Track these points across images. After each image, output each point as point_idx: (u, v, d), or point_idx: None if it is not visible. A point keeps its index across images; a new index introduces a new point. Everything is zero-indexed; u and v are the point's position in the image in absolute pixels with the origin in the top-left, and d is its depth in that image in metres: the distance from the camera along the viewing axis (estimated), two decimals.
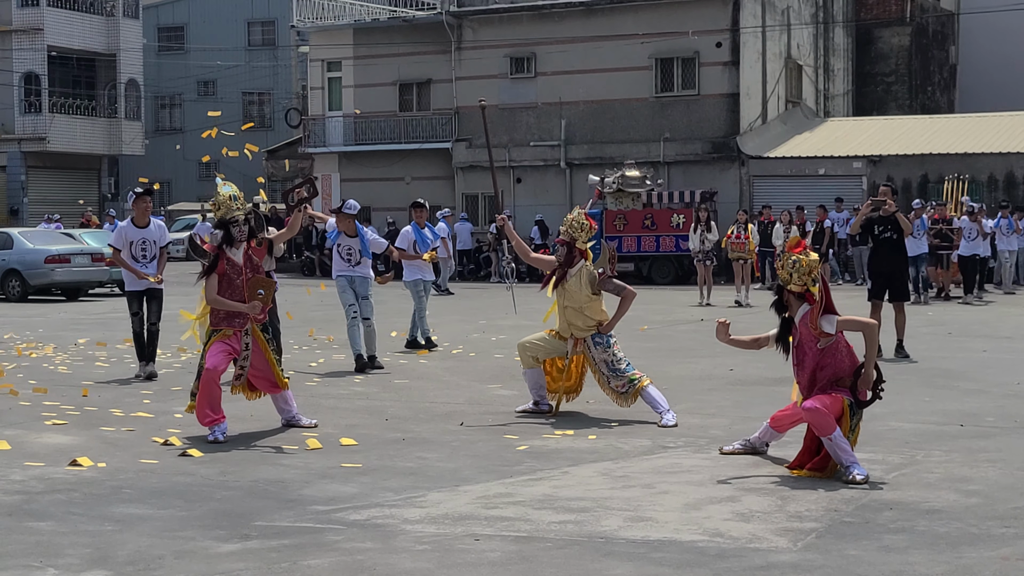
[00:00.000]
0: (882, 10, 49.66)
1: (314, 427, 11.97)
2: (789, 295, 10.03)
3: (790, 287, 9.98)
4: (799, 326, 10.00)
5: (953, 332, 21.48)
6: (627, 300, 12.64)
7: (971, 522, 8.23)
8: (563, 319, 12.68)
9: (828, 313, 9.90)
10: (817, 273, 9.97)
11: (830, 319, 9.86)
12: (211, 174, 70.09)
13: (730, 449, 10.58)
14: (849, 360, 9.90)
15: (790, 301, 10.05)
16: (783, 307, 10.14)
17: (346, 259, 17.06)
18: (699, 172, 41.34)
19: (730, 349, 17.59)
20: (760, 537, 7.92)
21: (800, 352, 10.01)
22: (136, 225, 15.84)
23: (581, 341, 12.59)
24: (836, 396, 9.79)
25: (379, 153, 46.15)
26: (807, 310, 9.93)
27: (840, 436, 9.63)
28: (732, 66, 41.34)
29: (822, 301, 9.89)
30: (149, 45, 65.98)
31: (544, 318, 13.58)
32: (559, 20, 43.27)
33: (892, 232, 17.96)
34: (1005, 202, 33.36)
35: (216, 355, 11.55)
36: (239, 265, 11.73)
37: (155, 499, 9.08)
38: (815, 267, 9.92)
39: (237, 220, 11.74)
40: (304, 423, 12.04)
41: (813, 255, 9.98)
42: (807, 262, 9.87)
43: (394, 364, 17.38)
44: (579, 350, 12.64)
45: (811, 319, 9.87)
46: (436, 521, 8.41)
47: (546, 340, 12.81)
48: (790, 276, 9.93)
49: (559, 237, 13.00)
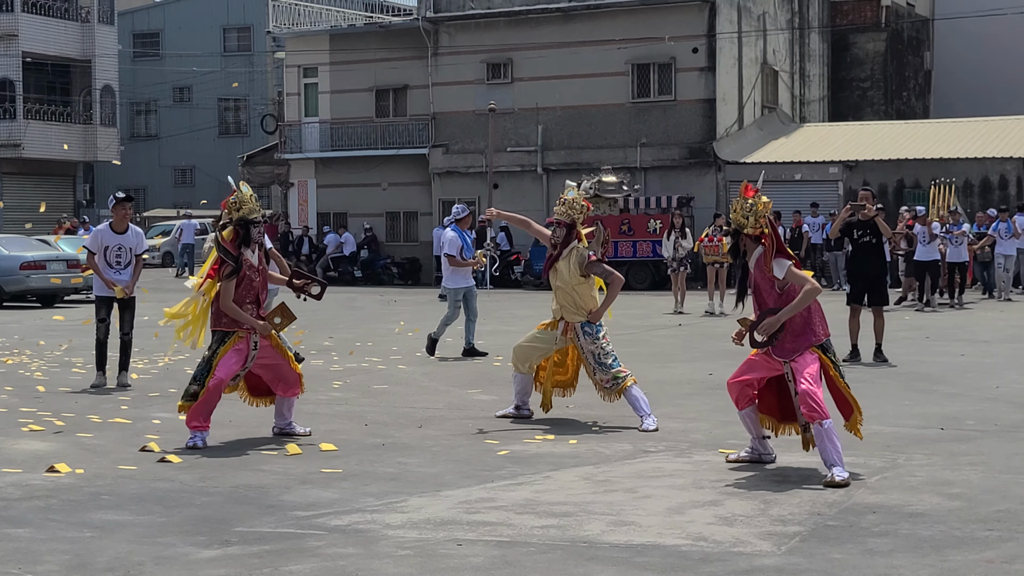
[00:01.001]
0: (857, 16, 49.81)
1: (308, 435, 11.86)
2: (745, 239, 10.08)
3: (746, 231, 10.03)
4: (754, 271, 10.08)
5: (931, 336, 21.52)
6: (615, 286, 12.61)
7: (954, 525, 8.22)
8: (555, 301, 12.60)
9: (780, 256, 9.96)
10: (770, 217, 10.09)
11: (781, 263, 9.93)
12: (186, 181, 70.21)
13: (735, 458, 10.45)
14: (808, 309, 9.88)
15: (747, 245, 10.09)
16: (739, 252, 10.18)
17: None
18: (676, 177, 41.36)
19: (709, 353, 17.58)
20: (744, 541, 7.89)
21: (759, 296, 10.09)
22: (114, 230, 15.70)
23: (571, 328, 12.48)
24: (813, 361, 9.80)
25: (356, 159, 46.06)
26: (761, 253, 10.00)
27: (832, 428, 9.62)
28: (708, 72, 41.39)
29: (773, 244, 9.96)
30: (124, 51, 65.76)
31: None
32: (536, 26, 43.26)
33: (871, 236, 17.99)
34: (1004, 206, 33.43)
35: (229, 365, 11.45)
36: (256, 267, 11.70)
37: (134, 505, 9.01)
38: (768, 209, 10.03)
39: (257, 220, 11.67)
40: (298, 431, 11.93)
41: (765, 198, 10.07)
42: (762, 205, 9.97)
43: (372, 369, 17.32)
44: (569, 337, 12.52)
45: (765, 261, 9.94)
46: (418, 526, 8.36)
47: (538, 338, 12.72)
48: (746, 219, 10.01)
49: (554, 218, 12.90)
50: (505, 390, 15.01)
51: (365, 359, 18.50)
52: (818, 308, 10.00)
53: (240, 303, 11.50)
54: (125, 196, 15.78)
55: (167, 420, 12.85)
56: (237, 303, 11.47)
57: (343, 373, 16.91)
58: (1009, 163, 38.81)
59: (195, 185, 70.08)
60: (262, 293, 11.71)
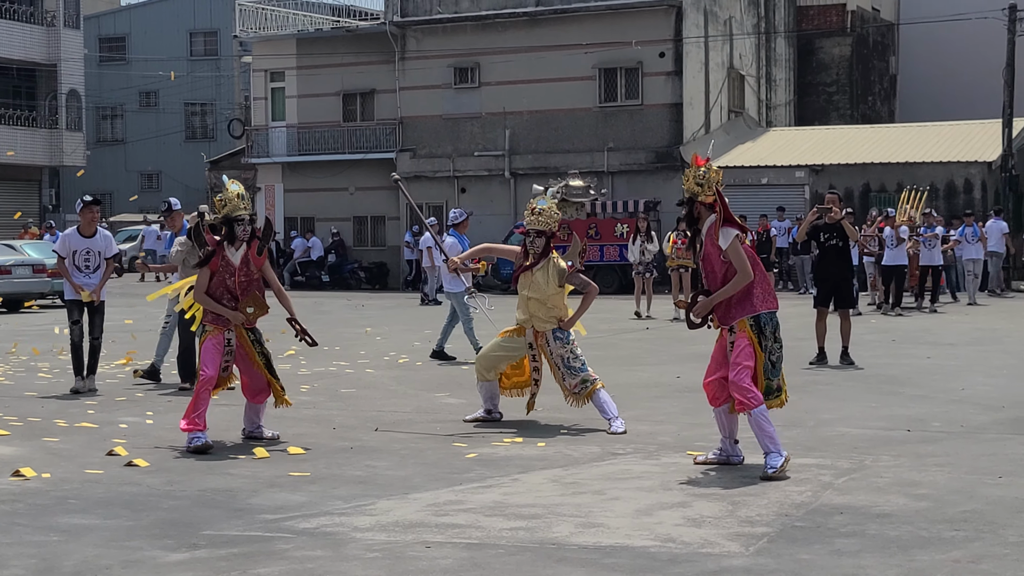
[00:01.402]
0: (823, 21, 50.02)
1: (276, 439, 11.83)
2: (700, 207, 10.22)
3: (700, 198, 10.18)
4: (705, 238, 10.21)
5: (897, 339, 21.62)
6: (590, 296, 12.64)
7: (921, 525, 8.25)
8: (525, 310, 12.50)
9: (728, 226, 10.10)
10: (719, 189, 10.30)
11: (727, 233, 10.07)
12: (153, 186, 69.94)
13: (703, 459, 10.47)
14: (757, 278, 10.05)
15: (700, 212, 10.23)
16: (694, 220, 10.28)
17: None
18: (643, 182, 41.44)
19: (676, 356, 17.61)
20: (712, 542, 7.91)
21: (707, 265, 10.21)
22: (82, 234, 15.61)
23: (541, 335, 12.48)
24: (746, 345, 9.93)
25: (323, 163, 45.99)
26: (713, 220, 10.15)
27: (762, 413, 9.79)
28: (675, 76, 41.49)
29: (721, 212, 10.12)
30: (90, 55, 65.50)
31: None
32: (503, 30, 43.29)
33: (838, 239, 18.08)
34: (969, 211, 33.59)
35: (212, 358, 11.49)
36: (234, 266, 11.61)
37: (101, 509, 8.97)
38: (720, 177, 10.27)
39: (242, 219, 11.60)
40: (266, 435, 11.90)
41: (715, 167, 10.28)
42: (713, 172, 10.18)
43: (340, 373, 17.30)
44: (540, 344, 12.49)
45: (714, 229, 10.08)
46: (386, 529, 8.35)
47: (503, 346, 12.68)
48: (699, 187, 10.17)
49: (522, 227, 12.89)
50: (474, 394, 15.03)
51: (333, 363, 18.47)
52: (763, 279, 10.17)
53: (216, 298, 11.51)
54: (92, 200, 15.71)
55: (134, 424, 12.82)
56: (215, 299, 11.50)
57: (311, 377, 16.90)
58: (974, 167, 39.04)
59: (162, 190, 69.79)
60: (243, 294, 11.64)
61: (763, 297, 10.11)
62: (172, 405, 14.29)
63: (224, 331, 11.55)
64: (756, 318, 10.02)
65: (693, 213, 10.26)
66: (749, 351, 9.96)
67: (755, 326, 10.02)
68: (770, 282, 10.43)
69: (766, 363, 10.04)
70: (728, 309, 10.08)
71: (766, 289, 10.19)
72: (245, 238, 11.65)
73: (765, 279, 10.25)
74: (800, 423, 12.21)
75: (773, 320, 10.13)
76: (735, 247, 10.04)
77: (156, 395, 15.21)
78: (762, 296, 10.10)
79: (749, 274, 10.03)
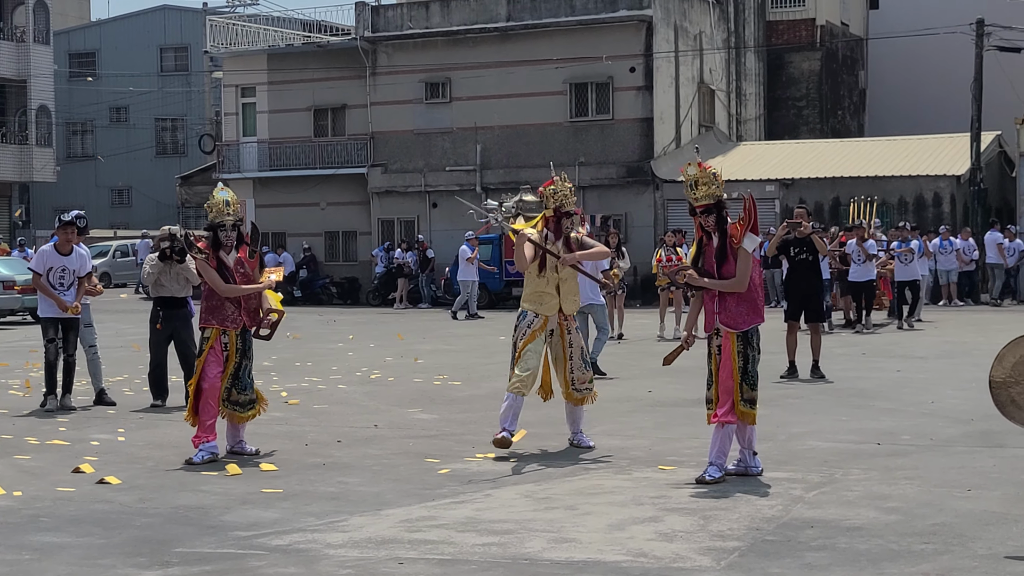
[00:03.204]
0: (793, 35, 50.21)
1: (257, 454, 11.86)
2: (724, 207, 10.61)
3: (701, 202, 10.54)
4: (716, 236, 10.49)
5: (867, 353, 21.70)
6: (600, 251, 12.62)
7: (891, 539, 8.31)
8: (551, 300, 11.90)
9: (754, 231, 10.36)
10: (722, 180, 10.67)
11: (752, 239, 10.31)
12: (124, 201, 69.77)
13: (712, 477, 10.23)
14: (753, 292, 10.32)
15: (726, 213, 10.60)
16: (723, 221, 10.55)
17: None
18: (614, 196, 41.50)
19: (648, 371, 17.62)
20: (683, 556, 7.95)
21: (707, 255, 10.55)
22: (58, 252, 15.50)
23: (565, 323, 11.96)
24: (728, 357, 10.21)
25: (294, 179, 45.92)
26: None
27: (727, 435, 10.14)
28: (646, 91, 41.58)
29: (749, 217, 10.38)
30: (60, 71, 65.33)
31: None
32: (473, 45, 43.32)
33: (807, 254, 18.18)
34: (915, 224, 33.64)
35: (212, 370, 11.64)
36: (230, 268, 11.78)
37: (73, 527, 8.96)
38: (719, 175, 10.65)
39: (224, 225, 11.74)
40: (248, 450, 11.93)
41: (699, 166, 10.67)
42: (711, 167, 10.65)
43: (312, 389, 17.28)
44: (563, 330, 11.95)
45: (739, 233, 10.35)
46: (359, 545, 8.36)
47: (535, 351, 11.89)
48: (716, 188, 10.59)
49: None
50: (446, 408, 15.08)
51: (305, 379, 18.46)
52: (759, 294, 10.41)
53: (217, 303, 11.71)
54: (70, 220, 15.54)
55: (106, 442, 12.80)
56: (210, 303, 11.71)
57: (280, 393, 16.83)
58: (942, 180, 39.21)
59: (132, 205, 69.66)
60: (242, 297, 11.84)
61: (750, 312, 10.28)
62: (144, 422, 14.28)
63: (221, 334, 11.64)
64: (744, 334, 10.26)
65: (722, 215, 10.53)
66: (729, 367, 10.11)
67: (742, 338, 10.23)
68: (762, 297, 10.55)
69: (747, 373, 10.17)
70: (728, 314, 10.30)
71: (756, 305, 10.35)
72: (230, 243, 11.81)
73: (760, 294, 10.40)
74: (771, 437, 12.26)
75: (759, 332, 10.41)
76: (746, 256, 10.29)
77: (128, 412, 15.17)
78: (748, 311, 10.27)
79: (745, 284, 10.25)
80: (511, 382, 11.82)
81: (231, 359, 11.78)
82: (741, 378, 10.21)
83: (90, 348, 16.10)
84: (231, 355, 11.77)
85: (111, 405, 15.66)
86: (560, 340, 12.01)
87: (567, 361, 12.00)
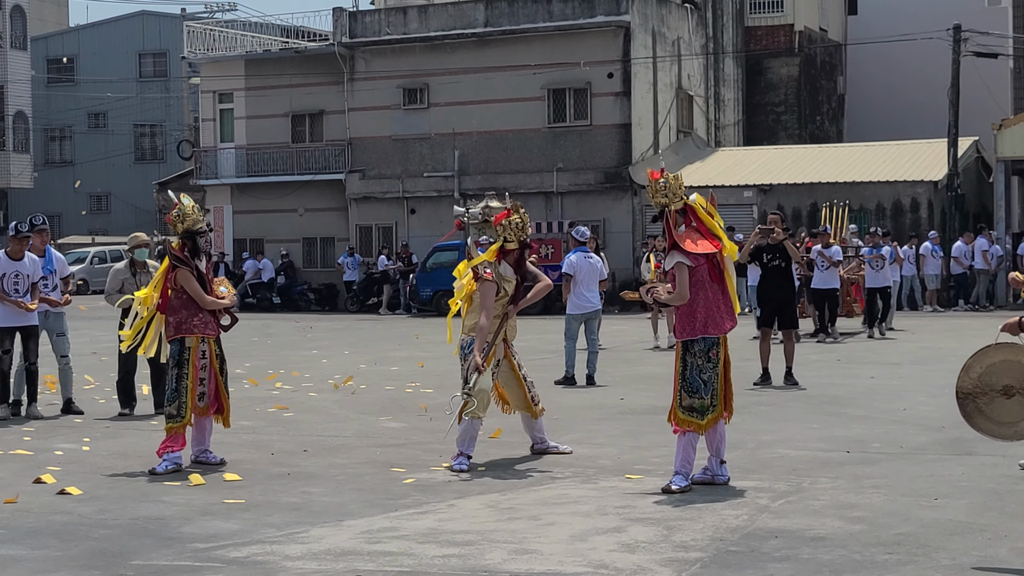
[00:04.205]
0: (771, 41, 50.25)
1: (223, 463, 11.75)
2: (673, 215, 10.43)
3: (672, 208, 10.40)
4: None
5: (842, 359, 21.66)
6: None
7: (855, 549, 8.24)
8: (501, 332, 11.80)
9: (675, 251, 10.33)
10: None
11: (672, 256, 10.35)
12: (102, 207, 69.54)
13: (679, 487, 10.15)
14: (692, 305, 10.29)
15: (674, 220, 10.43)
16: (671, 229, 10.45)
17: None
18: (592, 202, 41.46)
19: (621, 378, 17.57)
20: (645, 568, 7.87)
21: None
22: (10, 258, 15.25)
23: (510, 345, 12.00)
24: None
25: (272, 185, 45.81)
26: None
27: (689, 443, 10.18)
28: (624, 96, 41.55)
29: (670, 236, 10.38)
30: (38, 77, 65.11)
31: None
32: (451, 51, 43.26)
33: (781, 260, 18.12)
34: (887, 230, 33.50)
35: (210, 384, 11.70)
36: (207, 277, 11.84)
37: (29, 539, 8.85)
38: (681, 181, 10.48)
39: (203, 231, 11.80)
40: (213, 460, 11.82)
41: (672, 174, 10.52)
42: (672, 179, 10.43)
43: (283, 397, 17.16)
44: (509, 355, 11.96)
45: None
46: (318, 557, 8.26)
47: (484, 380, 11.69)
48: (666, 198, 10.40)
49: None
50: (415, 417, 14.96)
51: (276, 386, 18.34)
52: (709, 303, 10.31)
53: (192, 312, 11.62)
54: (24, 233, 15.21)
55: (70, 451, 12.67)
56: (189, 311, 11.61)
57: (254, 401, 16.69)
58: (920, 186, 39.26)
59: (111, 211, 69.46)
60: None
61: (705, 322, 10.20)
62: (110, 431, 14.16)
63: (200, 342, 11.63)
64: (685, 344, 10.30)
65: (669, 223, 10.42)
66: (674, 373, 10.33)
67: (684, 346, 10.30)
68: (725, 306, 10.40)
69: (685, 380, 10.22)
70: (679, 323, 10.38)
71: (711, 314, 10.25)
72: (207, 249, 11.95)
73: (716, 303, 10.28)
74: (741, 445, 12.19)
75: (707, 342, 10.23)
76: (679, 271, 10.26)
77: (93, 421, 15.03)
78: (704, 321, 10.20)
79: (685, 297, 10.21)
80: (466, 408, 11.60)
81: (212, 364, 11.72)
82: (680, 384, 10.25)
83: (62, 358, 15.91)
84: (211, 360, 11.70)
85: (79, 414, 15.51)
86: (508, 363, 11.99)
87: (523, 381, 11.99)
